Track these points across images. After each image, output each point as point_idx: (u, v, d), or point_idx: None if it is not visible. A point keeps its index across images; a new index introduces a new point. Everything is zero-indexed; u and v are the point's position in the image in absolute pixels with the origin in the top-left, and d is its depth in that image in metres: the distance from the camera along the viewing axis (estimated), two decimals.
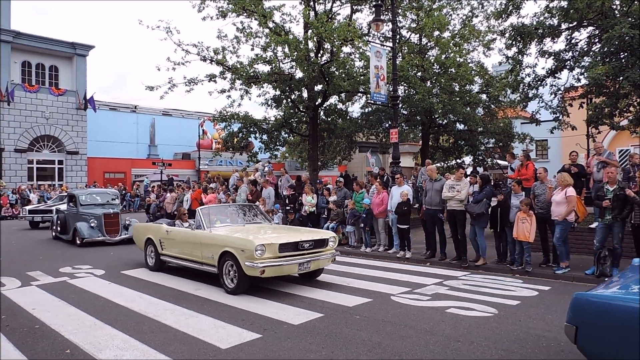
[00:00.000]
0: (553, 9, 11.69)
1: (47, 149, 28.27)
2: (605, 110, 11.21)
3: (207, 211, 7.77)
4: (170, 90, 15.12)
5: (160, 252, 8.15)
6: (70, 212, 13.06)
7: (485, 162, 18.20)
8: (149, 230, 8.68)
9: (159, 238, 8.18)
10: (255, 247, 6.00)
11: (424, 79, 16.27)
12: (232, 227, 7.46)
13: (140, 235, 8.92)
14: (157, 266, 8.26)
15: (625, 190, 6.80)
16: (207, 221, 7.37)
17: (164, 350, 4.34)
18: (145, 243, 8.62)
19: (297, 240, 6.53)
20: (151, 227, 8.80)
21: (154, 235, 8.35)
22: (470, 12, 17.29)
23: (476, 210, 8.23)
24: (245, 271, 6.17)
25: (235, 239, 6.48)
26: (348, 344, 4.47)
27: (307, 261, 6.54)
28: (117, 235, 12.36)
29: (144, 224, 9.88)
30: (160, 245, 8.13)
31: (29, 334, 4.84)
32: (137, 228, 9.39)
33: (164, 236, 8.07)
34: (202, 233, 7.12)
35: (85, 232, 11.88)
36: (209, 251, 6.80)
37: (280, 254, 6.26)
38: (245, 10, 14.21)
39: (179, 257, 7.68)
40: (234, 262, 6.31)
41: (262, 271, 6.05)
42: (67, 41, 28.62)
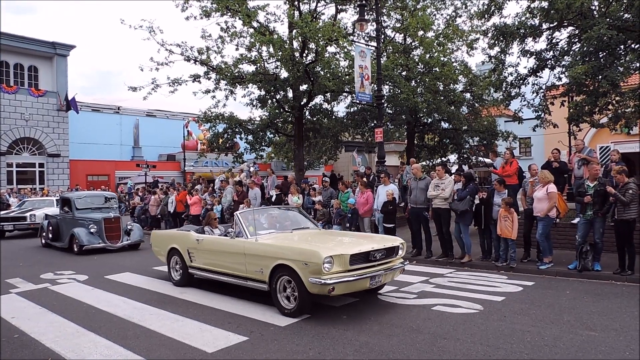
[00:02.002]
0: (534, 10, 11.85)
1: (27, 152, 27.66)
2: (585, 109, 11.41)
3: (249, 215, 6.62)
4: (153, 91, 14.94)
5: (188, 264, 7.01)
6: (65, 217, 12.09)
7: (470, 160, 18.39)
8: (174, 239, 7.44)
9: (186, 248, 7.04)
10: (323, 260, 4.96)
11: (409, 78, 16.35)
12: (278, 234, 6.38)
13: (162, 245, 7.73)
14: (185, 280, 7.12)
15: (606, 187, 6.94)
16: (251, 227, 6.28)
17: (149, 355, 4.27)
18: (169, 254, 7.45)
19: (368, 249, 5.47)
20: (176, 235, 7.58)
21: (181, 244, 7.19)
22: (454, 12, 17.44)
23: (460, 208, 8.31)
24: (309, 289, 5.12)
25: (294, 250, 5.41)
26: (335, 344, 4.46)
27: (379, 274, 5.50)
28: (118, 241, 11.48)
29: (166, 231, 8.67)
30: (189, 256, 6.98)
31: (7, 344, 4.71)
32: (158, 236, 8.19)
33: (193, 246, 6.92)
34: (246, 242, 5.99)
35: (84, 238, 10.91)
36: (257, 264, 5.73)
37: (351, 267, 5.23)
38: (229, 9, 14.10)
39: (213, 270, 6.57)
40: (293, 278, 5.27)
41: (332, 289, 5.00)
42: (47, 41, 28.03)
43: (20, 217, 15.41)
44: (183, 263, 7.13)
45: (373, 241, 5.91)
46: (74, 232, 11.10)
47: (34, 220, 15.04)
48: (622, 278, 6.77)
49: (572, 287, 6.54)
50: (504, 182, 8.42)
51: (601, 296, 6.04)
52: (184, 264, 7.09)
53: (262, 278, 5.69)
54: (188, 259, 7.03)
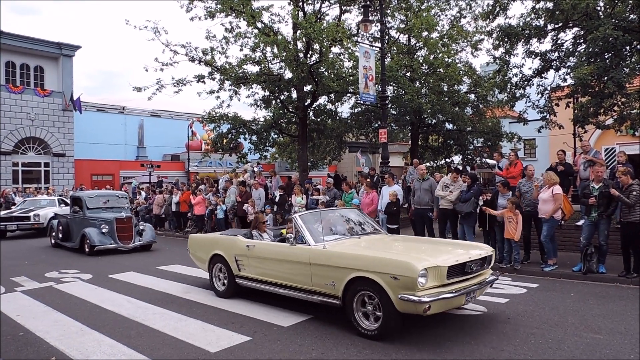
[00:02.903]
0: (539, 10, 11.82)
1: (33, 151, 27.81)
2: (590, 110, 11.36)
3: (310, 218, 5.81)
4: (158, 91, 14.96)
5: (236, 273, 6.24)
6: (76, 216, 11.82)
7: (474, 161, 18.34)
8: (218, 244, 6.63)
9: (234, 255, 6.26)
10: (418, 273, 4.24)
11: (413, 79, 16.33)
12: (346, 240, 5.56)
13: (202, 251, 6.96)
14: (231, 291, 6.37)
15: (610, 189, 6.90)
16: (315, 232, 5.46)
17: (152, 354, 4.29)
18: (211, 261, 6.68)
19: (465, 259, 4.75)
20: (221, 240, 6.71)
21: (227, 250, 6.41)
22: (459, 12, 17.41)
23: (464, 209, 8.30)
24: (398, 307, 4.38)
25: (379, 260, 4.60)
26: (338, 344, 4.46)
27: (474, 289, 4.78)
28: (130, 241, 11.19)
29: (207, 235, 7.97)
30: (237, 264, 6.21)
31: (12, 342, 4.74)
32: (197, 241, 7.35)
33: (242, 253, 6.13)
34: (312, 250, 5.18)
35: (95, 239, 10.65)
36: (327, 276, 4.95)
37: (448, 281, 4.53)
38: (234, 10, 14.13)
39: (267, 281, 5.79)
40: (376, 293, 4.54)
41: (428, 307, 4.26)
42: (53, 41, 28.17)
43: (23, 216, 15.21)
44: (229, 272, 6.36)
45: (463, 249, 5.16)
46: (85, 232, 10.86)
47: (37, 220, 14.94)
48: (627, 281, 6.73)
49: (576, 290, 6.51)
50: (508, 184, 8.39)
51: (606, 299, 6.00)
52: (230, 273, 6.33)
53: (333, 292, 4.91)
54: (235, 267, 6.24)
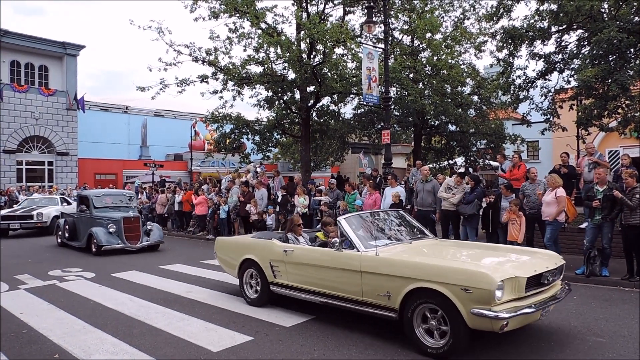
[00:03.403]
0: (543, 12, 11.80)
1: (37, 150, 27.92)
2: (594, 112, 11.34)
3: (357, 221, 5.28)
4: (161, 91, 15.03)
5: (270, 280, 5.72)
6: (82, 216, 11.67)
7: (477, 163, 18.31)
8: (250, 248, 6.08)
9: (269, 260, 5.72)
10: (496, 285, 3.77)
11: (416, 80, 16.33)
12: (398, 245, 5.11)
13: (232, 254, 6.41)
14: (264, 299, 5.85)
15: (614, 191, 6.88)
16: (363, 237, 4.98)
17: (154, 353, 4.30)
18: (241, 266, 6.16)
19: (543, 269, 4.29)
20: (254, 243, 6.15)
21: (260, 255, 5.87)
22: (462, 14, 17.41)
23: (467, 211, 8.29)
24: (469, 322, 3.89)
25: (447, 270, 4.12)
26: (340, 345, 4.46)
27: (551, 303, 4.30)
28: (137, 241, 11.00)
29: (238, 238, 7.36)
30: (273, 270, 5.67)
31: (16, 339, 4.77)
32: (226, 244, 6.73)
33: (279, 258, 5.58)
34: (362, 257, 4.67)
35: (102, 238, 10.48)
36: (381, 286, 4.47)
37: (526, 294, 4.09)
38: (238, 11, 14.17)
39: (308, 289, 5.25)
40: (442, 307, 4.05)
41: (505, 324, 3.79)
42: (57, 41, 28.30)
43: (26, 215, 15.08)
44: (263, 278, 5.82)
45: (531, 257, 4.75)
46: (92, 231, 10.70)
47: (40, 219, 14.89)
48: (630, 284, 6.70)
49: (579, 293, 6.48)
50: (512, 186, 8.38)
51: (609, 302, 5.98)
52: (264, 280, 5.79)
53: (388, 304, 4.42)
54: (270, 273, 5.70)
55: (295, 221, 6.20)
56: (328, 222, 6.30)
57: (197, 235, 14.24)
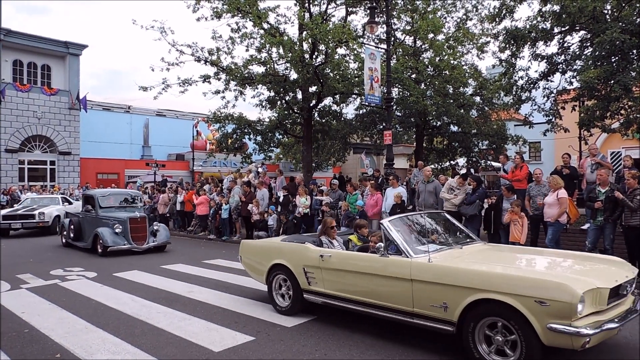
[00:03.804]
0: (546, 13, 11.79)
1: (39, 150, 27.99)
2: (597, 113, 11.32)
3: (402, 224, 4.87)
4: (164, 91, 15.06)
5: (304, 287, 5.29)
6: (88, 216, 11.46)
7: (478, 163, 18.29)
8: (281, 253, 5.65)
9: (302, 266, 5.29)
10: (579, 297, 3.39)
11: (418, 81, 16.32)
12: (450, 251, 4.69)
13: (260, 259, 5.94)
14: (297, 308, 5.44)
15: (615, 192, 6.87)
16: (412, 241, 4.62)
17: (156, 353, 4.31)
18: (270, 272, 5.72)
19: (623, 280, 3.92)
20: (285, 248, 5.71)
21: (293, 260, 5.43)
22: (465, 15, 17.41)
23: (469, 212, 8.29)
24: (544, 339, 3.53)
25: (517, 279, 3.71)
26: (342, 345, 4.46)
27: (629, 315, 3.86)
28: (144, 242, 10.77)
29: (266, 241, 6.79)
30: (307, 277, 5.24)
31: (17, 339, 4.78)
32: (253, 247, 6.28)
33: (314, 263, 5.15)
34: (413, 264, 4.26)
35: (108, 239, 10.29)
36: (435, 296, 4.07)
37: (608, 306, 3.71)
38: (240, 11, 14.18)
39: (349, 298, 4.83)
40: (511, 321, 3.65)
41: (587, 341, 3.43)
42: (60, 40, 28.37)
43: (28, 214, 14.94)
44: (295, 286, 5.40)
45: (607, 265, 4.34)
46: (98, 232, 10.50)
47: (42, 219, 14.81)
48: None
49: None
50: (513, 187, 8.36)
51: None
52: (297, 287, 5.37)
53: (444, 316, 4.02)
54: (304, 280, 5.28)
55: (328, 223, 5.69)
56: (362, 225, 5.95)
57: (199, 235, 14.26)
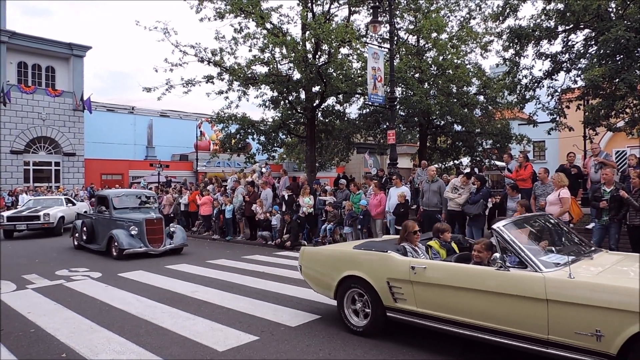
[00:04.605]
0: (550, 12, 11.74)
1: (44, 151, 28.15)
2: (601, 112, 11.26)
3: (519, 230, 4.14)
4: (167, 92, 15.08)
5: (389, 304, 4.49)
6: (101, 217, 11.09)
7: (482, 163, 18.24)
8: (356, 263, 4.83)
9: (386, 279, 4.48)
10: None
11: (422, 80, 16.29)
12: (582, 263, 3.91)
13: (326, 269, 5.15)
14: (378, 328, 4.64)
15: (620, 191, 6.83)
16: (538, 252, 3.89)
17: (160, 353, 4.32)
18: (341, 285, 4.92)
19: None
20: (361, 257, 4.85)
21: (374, 272, 4.61)
22: (468, 14, 17.36)
23: (473, 211, 8.27)
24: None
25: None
26: (346, 345, 4.46)
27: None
28: (160, 244, 10.33)
29: (333, 248, 5.90)
30: (392, 292, 4.44)
31: (24, 338, 4.80)
32: (317, 256, 5.43)
33: (403, 276, 4.35)
34: (549, 280, 3.49)
35: (124, 241, 9.86)
36: (581, 321, 3.32)
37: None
38: (243, 11, 14.20)
39: (452, 320, 4.02)
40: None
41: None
42: (64, 42, 28.52)
43: (33, 216, 14.71)
44: (375, 302, 4.59)
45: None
46: (113, 234, 10.07)
47: (47, 220, 14.67)
48: None
49: None
50: (517, 187, 8.34)
51: None
52: (378, 304, 4.57)
53: (597, 348, 3.25)
54: (389, 296, 4.48)
55: (410, 228, 4.87)
56: (445, 229, 5.11)
57: (203, 235, 14.30)
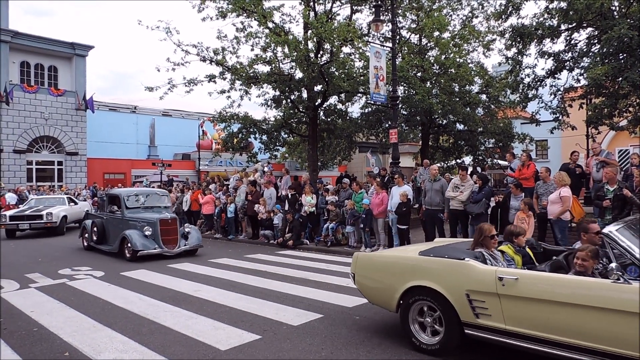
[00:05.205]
0: (552, 10, 11.71)
1: (47, 150, 28.23)
2: (604, 111, 11.24)
3: (632, 234, 3.58)
4: (169, 91, 15.06)
5: (469, 320, 3.91)
6: (113, 217, 10.75)
7: (485, 162, 18.21)
8: (424, 271, 4.27)
9: (465, 290, 3.90)
10: None
11: (424, 79, 16.26)
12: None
13: (387, 278, 4.60)
14: (453, 345, 4.08)
15: (623, 190, 6.81)
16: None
17: (163, 352, 4.33)
18: (405, 297, 4.36)
19: None
20: (432, 264, 4.25)
21: (448, 282, 4.04)
22: (470, 12, 17.31)
23: (475, 210, 8.25)
24: None
25: None
26: (348, 344, 4.46)
27: None
28: (175, 246, 9.95)
29: (395, 253, 5.23)
30: (472, 306, 3.86)
31: (27, 337, 4.82)
32: (374, 263, 4.87)
33: (488, 288, 3.78)
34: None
35: (138, 242, 9.45)
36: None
37: None
38: (245, 10, 14.19)
39: (556, 341, 3.45)
40: None
41: None
42: (67, 41, 28.58)
43: (36, 215, 14.56)
44: (450, 317, 4.02)
45: None
46: (126, 234, 9.68)
47: (50, 219, 14.63)
48: None
49: None
50: (521, 185, 8.32)
51: None
52: (454, 320, 4.00)
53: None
54: (468, 311, 3.90)
55: (487, 231, 4.34)
56: (520, 232, 4.61)
57: (205, 234, 14.29)
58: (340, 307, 5.75)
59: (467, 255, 4.16)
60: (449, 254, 4.31)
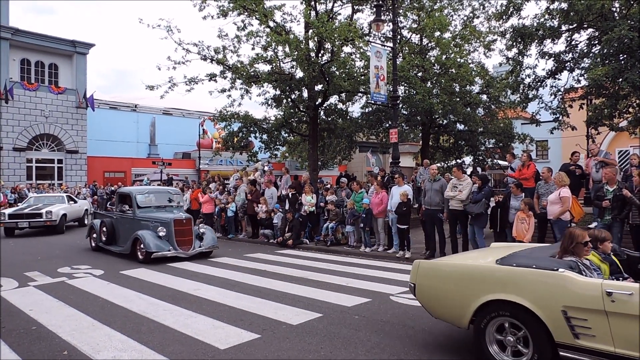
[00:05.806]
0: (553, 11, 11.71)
1: (47, 148, 28.22)
2: (604, 112, 11.24)
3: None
4: (170, 90, 15.07)
5: (565, 341, 3.36)
6: (123, 216, 10.29)
7: (485, 162, 18.22)
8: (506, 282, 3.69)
9: (561, 307, 3.35)
10: None
11: (425, 79, 16.26)
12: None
13: (458, 289, 4.03)
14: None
15: (623, 190, 6.81)
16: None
17: (162, 350, 4.33)
18: (479, 313, 3.83)
19: None
20: (517, 275, 3.66)
21: (539, 296, 3.48)
22: (471, 13, 17.31)
23: (475, 210, 8.25)
24: None
25: None
26: (347, 344, 4.46)
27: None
28: (190, 247, 9.49)
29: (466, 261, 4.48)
30: (571, 325, 3.32)
31: (25, 336, 4.82)
32: (442, 271, 4.30)
33: (592, 305, 3.23)
34: None
35: (151, 243, 8.98)
36: None
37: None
38: (246, 9, 14.19)
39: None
40: None
41: None
42: (67, 39, 28.56)
43: (35, 213, 14.42)
44: (540, 337, 3.49)
45: None
46: (139, 235, 9.21)
47: (49, 217, 14.54)
48: None
49: None
50: (522, 185, 8.33)
51: None
52: (546, 340, 3.46)
53: None
54: (566, 330, 3.36)
55: (579, 237, 3.75)
56: (604, 237, 4.14)
57: None
58: (339, 307, 5.75)
59: (559, 265, 3.55)
60: (537, 264, 3.67)
